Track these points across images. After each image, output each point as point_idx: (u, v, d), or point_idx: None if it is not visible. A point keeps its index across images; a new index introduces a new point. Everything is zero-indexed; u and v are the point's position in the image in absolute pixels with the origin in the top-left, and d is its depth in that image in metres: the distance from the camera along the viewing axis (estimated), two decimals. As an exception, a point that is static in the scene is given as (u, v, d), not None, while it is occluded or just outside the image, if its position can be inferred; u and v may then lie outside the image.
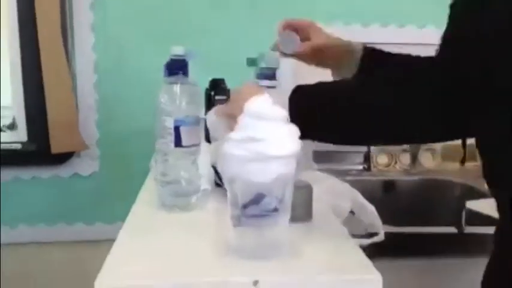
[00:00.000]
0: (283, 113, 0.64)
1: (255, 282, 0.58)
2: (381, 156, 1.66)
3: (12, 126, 1.55)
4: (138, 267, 0.61)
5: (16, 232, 1.57)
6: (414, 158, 1.65)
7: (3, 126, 1.55)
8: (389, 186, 1.58)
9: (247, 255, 0.64)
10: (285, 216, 0.65)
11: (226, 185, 0.65)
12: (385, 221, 0.98)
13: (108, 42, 1.55)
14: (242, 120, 0.63)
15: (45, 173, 1.57)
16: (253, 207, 0.63)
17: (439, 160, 1.68)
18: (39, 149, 1.50)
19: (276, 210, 0.64)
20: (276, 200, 0.63)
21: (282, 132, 0.62)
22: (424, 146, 1.65)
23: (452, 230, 1.14)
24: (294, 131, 0.64)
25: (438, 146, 1.68)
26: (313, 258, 0.65)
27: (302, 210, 0.78)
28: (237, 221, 0.65)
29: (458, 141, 1.65)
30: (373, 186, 1.56)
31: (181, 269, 0.61)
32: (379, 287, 0.60)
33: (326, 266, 0.63)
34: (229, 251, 0.65)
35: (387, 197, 1.56)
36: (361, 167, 1.66)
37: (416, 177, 1.62)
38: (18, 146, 1.50)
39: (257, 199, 0.63)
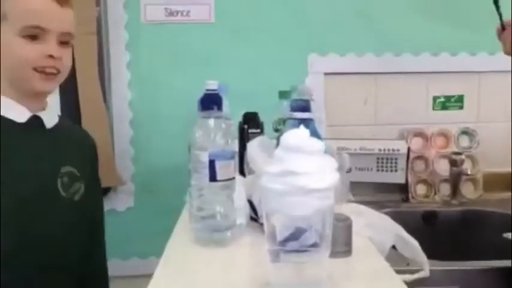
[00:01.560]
0: (320, 145, 0.62)
1: (296, 321, 0.56)
2: (419, 187, 1.61)
3: (51, 164, 1.59)
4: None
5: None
6: (455, 189, 1.59)
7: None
8: (429, 217, 1.53)
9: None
10: (325, 251, 0.63)
11: (264, 220, 0.64)
12: (425, 251, 0.93)
13: (143, 80, 1.59)
14: (278, 153, 0.62)
15: (82, 209, 1.59)
16: (293, 243, 0.61)
17: (481, 190, 1.61)
18: (77, 186, 1.52)
19: (315, 245, 0.62)
20: (316, 235, 0.62)
21: (320, 165, 0.61)
22: (465, 177, 1.59)
23: (498, 264, 1.08)
24: (331, 163, 0.62)
25: (479, 175, 1.62)
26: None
27: (342, 244, 0.76)
28: (275, 257, 0.63)
29: (500, 170, 1.62)
30: (413, 218, 1.50)
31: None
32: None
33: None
34: (267, 287, 0.63)
35: (427, 229, 1.51)
36: (399, 198, 1.61)
37: (457, 208, 1.55)
38: (57, 183, 1.53)
39: (296, 234, 0.61)
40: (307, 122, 0.81)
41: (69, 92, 1.50)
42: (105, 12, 1.54)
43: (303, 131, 0.62)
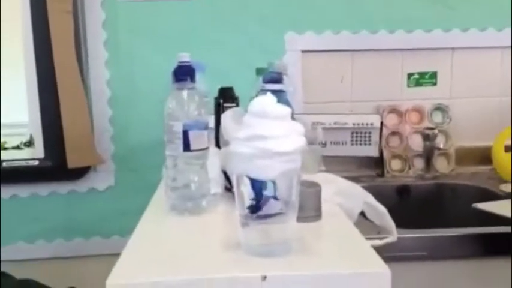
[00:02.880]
0: (287, 110, 0.65)
1: (263, 278, 0.59)
2: (394, 162, 1.65)
3: (29, 144, 1.59)
4: (148, 266, 0.62)
5: (35, 247, 1.60)
6: (428, 163, 1.63)
7: (21, 143, 1.59)
8: (403, 191, 1.57)
9: (255, 254, 0.65)
10: (292, 216, 0.66)
11: (234, 185, 0.66)
12: (399, 224, 0.97)
13: (120, 58, 1.59)
14: (247, 119, 0.64)
15: (62, 189, 1.60)
16: (260, 211, 0.64)
17: (453, 164, 1.66)
18: (56, 165, 1.53)
19: (281, 212, 0.64)
20: (282, 202, 0.64)
21: (286, 129, 0.63)
22: (437, 151, 1.64)
23: (467, 231, 1.13)
24: (298, 128, 0.65)
25: (452, 150, 1.66)
26: (321, 254, 0.66)
27: (311, 210, 0.79)
28: (245, 221, 0.66)
29: (472, 145, 1.66)
30: (387, 191, 1.55)
31: (191, 266, 0.62)
32: (388, 281, 0.60)
33: (334, 261, 0.63)
34: (238, 250, 0.66)
35: (401, 202, 1.55)
36: (374, 173, 1.65)
37: (431, 182, 1.60)
38: (36, 163, 1.53)
39: (261, 203, 0.64)
40: (278, 93, 0.83)
41: (46, 72, 1.50)
42: (81, -10, 1.53)
43: (269, 97, 0.64)
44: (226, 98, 1.07)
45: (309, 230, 0.74)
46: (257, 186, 0.63)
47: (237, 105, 1.11)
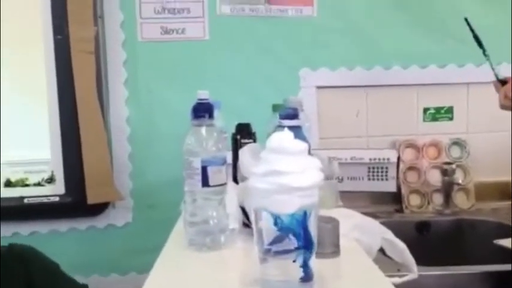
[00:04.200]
0: (304, 146, 0.66)
1: (283, 314, 0.58)
2: (412, 197, 1.64)
3: (50, 180, 1.62)
4: (167, 302, 0.62)
5: (53, 284, 1.60)
6: (447, 198, 1.62)
7: (42, 180, 1.62)
8: (422, 227, 1.55)
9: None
10: (310, 252, 0.65)
11: (252, 221, 0.67)
12: (419, 261, 0.95)
13: (140, 97, 1.63)
14: (265, 154, 0.65)
15: (81, 225, 1.62)
16: (277, 245, 0.64)
17: (473, 200, 1.64)
18: (76, 201, 1.56)
19: (299, 248, 0.64)
20: (299, 238, 0.64)
21: (303, 164, 0.64)
22: (456, 186, 1.62)
23: (488, 268, 1.10)
24: (316, 163, 0.65)
25: (471, 185, 1.65)
26: (340, 290, 0.65)
27: (329, 245, 0.79)
28: (263, 257, 0.66)
29: (491, 180, 1.64)
30: (406, 227, 1.53)
31: (210, 302, 0.62)
32: (409, 317, 0.59)
33: (354, 298, 0.63)
34: (257, 286, 0.65)
35: (421, 239, 1.53)
36: (392, 209, 1.63)
37: (450, 218, 1.58)
38: (56, 199, 1.56)
39: (280, 238, 0.64)
40: (295, 129, 0.84)
41: (68, 110, 1.55)
42: (103, 32, 1.59)
43: (287, 133, 0.65)
44: (243, 133, 1.09)
45: (328, 266, 0.73)
46: (276, 221, 0.64)
47: (254, 141, 1.13)
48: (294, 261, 0.64)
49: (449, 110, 1.70)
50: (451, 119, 1.70)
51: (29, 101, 1.69)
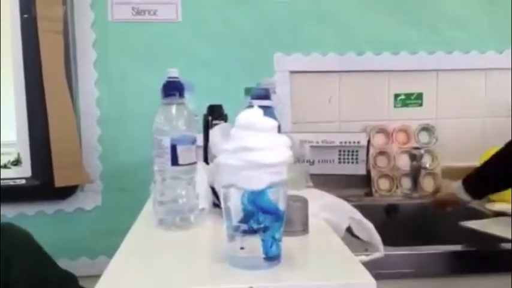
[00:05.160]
0: (274, 123, 0.66)
1: (250, 289, 0.59)
2: (382, 181, 1.67)
3: (16, 162, 1.58)
4: (135, 280, 0.62)
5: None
6: (415, 182, 1.65)
7: (8, 162, 1.58)
8: (391, 210, 1.58)
9: (241, 267, 0.64)
10: (279, 230, 0.66)
11: (221, 199, 0.67)
12: (387, 242, 0.97)
13: (110, 78, 1.60)
14: (234, 131, 0.65)
15: (49, 208, 1.59)
16: (246, 223, 0.64)
17: (439, 183, 1.68)
18: (43, 184, 1.52)
19: (267, 226, 0.64)
20: (268, 216, 0.64)
21: (273, 141, 0.64)
22: (424, 171, 1.65)
23: (454, 248, 1.13)
24: (285, 141, 0.66)
25: (438, 169, 1.68)
26: (308, 266, 0.66)
27: (298, 224, 0.79)
28: (231, 235, 0.66)
29: (458, 164, 1.68)
30: (375, 210, 1.55)
31: (178, 280, 0.62)
32: (374, 291, 0.60)
33: (320, 273, 0.63)
34: (225, 263, 0.65)
35: (389, 221, 1.56)
36: (362, 192, 1.66)
37: (418, 201, 1.61)
38: (23, 182, 1.52)
39: (248, 216, 0.64)
40: (266, 109, 0.84)
41: (36, 91, 1.51)
42: (72, 11, 1.55)
43: (256, 110, 0.65)
44: (215, 115, 1.09)
45: (296, 243, 0.74)
46: (244, 198, 0.64)
47: (226, 122, 1.12)
48: (262, 239, 0.64)
49: (419, 96, 1.72)
50: (420, 105, 1.73)
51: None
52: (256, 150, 0.62)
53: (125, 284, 0.61)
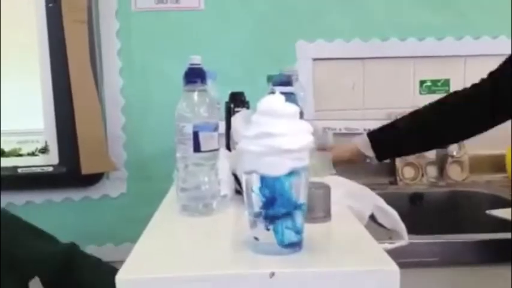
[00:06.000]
0: (295, 109, 0.65)
1: (272, 274, 0.59)
2: (407, 170, 1.64)
3: (44, 150, 1.62)
4: (158, 263, 0.63)
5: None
6: (441, 171, 1.62)
7: (36, 150, 1.62)
8: (416, 198, 1.56)
9: (263, 253, 0.64)
10: (301, 215, 0.65)
11: (243, 185, 0.67)
12: (412, 231, 0.96)
13: (134, 67, 1.61)
14: (255, 118, 0.65)
15: (75, 195, 1.62)
16: (267, 209, 0.64)
17: (467, 172, 1.65)
18: (70, 171, 1.55)
19: (289, 213, 0.64)
20: (289, 201, 0.64)
21: (294, 127, 0.63)
22: (451, 159, 1.62)
23: (479, 237, 1.11)
24: (306, 126, 0.65)
25: (465, 158, 1.65)
26: (330, 252, 0.66)
27: (320, 210, 0.79)
28: (253, 221, 0.66)
29: (485, 153, 1.65)
30: (400, 199, 1.54)
31: (199, 263, 0.62)
32: (397, 278, 0.59)
33: (342, 259, 0.63)
34: (247, 249, 0.66)
35: (414, 210, 1.54)
36: (386, 181, 1.64)
37: (444, 189, 1.59)
38: (50, 169, 1.56)
39: (269, 202, 0.64)
40: (288, 96, 0.84)
41: (62, 80, 1.53)
42: (96, 1, 1.57)
43: (278, 96, 0.65)
44: (236, 102, 1.08)
45: (318, 230, 0.73)
46: (266, 184, 0.64)
47: (248, 109, 1.12)
48: (283, 225, 0.64)
49: (446, 83, 1.69)
50: (447, 91, 1.68)
51: (22, 72, 1.67)
52: (277, 136, 0.61)
53: (149, 266, 0.62)
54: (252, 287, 0.59)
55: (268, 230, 0.64)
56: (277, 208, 0.64)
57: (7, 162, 1.57)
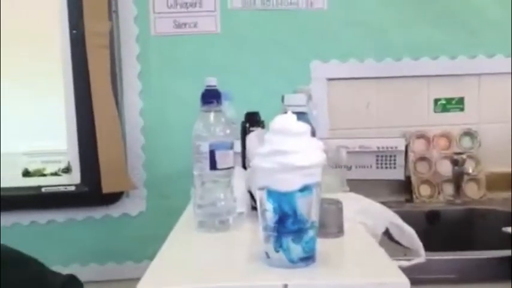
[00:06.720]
0: (306, 127, 0.68)
1: (285, 286, 0.61)
2: (423, 187, 1.65)
3: (67, 170, 1.67)
4: (175, 275, 0.66)
5: (69, 271, 1.64)
6: (457, 188, 1.62)
7: (59, 170, 1.67)
8: (433, 216, 1.56)
9: (276, 267, 0.67)
10: (313, 232, 0.68)
11: (257, 203, 0.69)
12: (429, 249, 0.96)
13: (153, 89, 1.67)
14: (268, 136, 0.68)
15: (97, 214, 1.67)
16: (281, 224, 0.66)
17: (484, 190, 1.64)
18: (92, 190, 1.60)
19: (300, 229, 0.66)
20: (302, 217, 0.66)
21: (306, 144, 0.66)
22: (467, 176, 1.62)
23: (496, 254, 1.11)
24: (318, 144, 0.68)
25: (482, 175, 1.65)
26: (342, 266, 0.67)
27: (333, 226, 0.81)
28: (267, 235, 0.68)
29: (502, 170, 1.64)
30: (416, 217, 1.54)
31: (216, 276, 0.65)
32: (407, 291, 0.60)
33: (354, 272, 0.65)
34: (262, 262, 0.68)
35: (431, 228, 1.54)
36: (402, 199, 1.64)
37: (460, 207, 1.58)
38: (73, 188, 1.60)
39: (282, 218, 0.66)
40: (299, 115, 0.86)
41: (84, 102, 1.59)
42: (117, 26, 1.63)
43: (290, 115, 0.68)
44: (252, 122, 1.11)
45: (331, 245, 0.75)
46: (278, 200, 0.66)
47: (263, 128, 1.15)
48: (296, 240, 0.67)
49: (460, 101, 1.70)
50: (461, 109, 1.70)
51: (47, 94, 1.74)
52: (289, 153, 0.64)
53: (167, 279, 0.64)
54: (266, 298, 0.61)
55: (277, 252, 0.66)
56: (289, 224, 0.66)
57: (31, 181, 1.63)
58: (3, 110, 1.71)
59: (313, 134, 0.86)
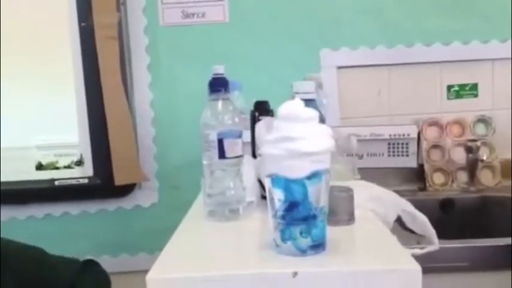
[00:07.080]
0: (314, 113, 0.67)
1: (294, 274, 0.60)
2: (436, 175, 1.63)
3: (80, 163, 1.68)
4: (186, 263, 0.66)
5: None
6: (472, 176, 1.60)
7: (71, 163, 1.68)
8: (447, 204, 1.54)
9: (286, 254, 0.66)
10: (322, 219, 0.67)
11: (266, 191, 0.69)
12: (442, 236, 0.95)
13: (163, 80, 1.67)
14: (276, 123, 0.67)
15: (110, 206, 1.68)
16: (290, 212, 0.66)
17: (499, 177, 1.62)
18: (104, 183, 1.61)
19: (310, 216, 0.65)
20: (311, 204, 0.65)
21: (314, 130, 0.65)
22: (481, 164, 1.60)
23: (509, 241, 1.09)
24: (326, 130, 0.67)
25: (496, 162, 1.62)
26: (352, 253, 0.67)
27: (343, 213, 0.80)
28: (276, 223, 0.68)
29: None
30: (430, 205, 1.52)
31: (225, 263, 0.65)
32: (419, 278, 0.60)
33: (365, 259, 0.64)
34: (271, 250, 0.68)
35: (445, 216, 1.52)
36: (415, 187, 1.63)
37: (475, 195, 1.56)
38: (85, 181, 1.62)
39: (291, 205, 0.66)
40: (309, 102, 0.86)
41: (95, 95, 1.59)
42: (126, 17, 1.63)
43: (297, 101, 0.67)
44: (261, 111, 1.11)
45: (341, 232, 0.75)
46: (287, 187, 0.65)
47: (272, 117, 1.14)
48: (306, 227, 0.66)
49: (474, 87, 1.67)
50: (475, 95, 1.67)
51: (58, 87, 1.75)
52: (297, 139, 0.63)
53: (177, 267, 0.64)
54: (276, 286, 0.60)
55: (286, 241, 0.66)
56: (298, 211, 0.66)
57: (45, 175, 1.64)
58: (14, 104, 1.72)
59: (323, 121, 0.85)
